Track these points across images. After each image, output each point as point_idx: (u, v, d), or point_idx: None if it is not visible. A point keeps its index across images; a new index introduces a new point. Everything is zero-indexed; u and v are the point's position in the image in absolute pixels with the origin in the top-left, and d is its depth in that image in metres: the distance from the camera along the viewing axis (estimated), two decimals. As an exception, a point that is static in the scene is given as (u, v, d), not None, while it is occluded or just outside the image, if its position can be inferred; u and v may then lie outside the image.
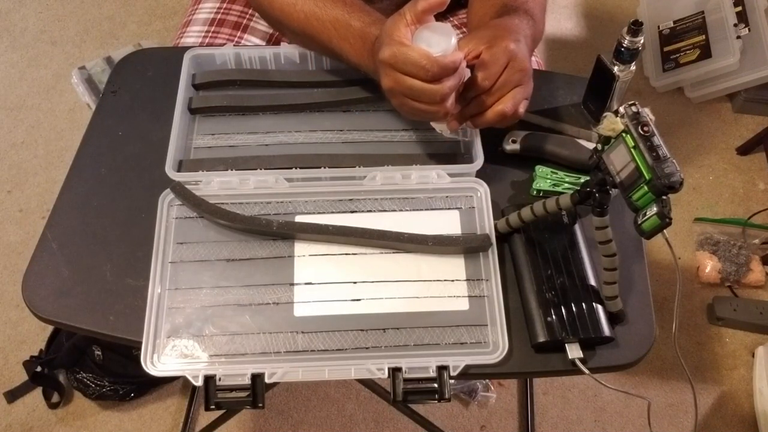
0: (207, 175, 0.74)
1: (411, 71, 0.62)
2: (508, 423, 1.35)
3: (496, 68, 0.67)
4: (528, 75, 0.68)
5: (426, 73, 0.61)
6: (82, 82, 1.38)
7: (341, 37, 0.73)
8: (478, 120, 0.70)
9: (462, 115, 0.71)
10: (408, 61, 0.61)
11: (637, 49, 0.74)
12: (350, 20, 0.72)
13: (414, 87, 0.63)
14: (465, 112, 0.71)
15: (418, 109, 0.65)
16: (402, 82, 0.63)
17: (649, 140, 0.55)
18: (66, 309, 0.70)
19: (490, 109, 0.69)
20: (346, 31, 0.72)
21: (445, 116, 0.68)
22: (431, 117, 0.68)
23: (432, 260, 0.71)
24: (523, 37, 0.70)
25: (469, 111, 0.70)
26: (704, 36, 1.77)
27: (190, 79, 0.82)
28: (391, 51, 0.62)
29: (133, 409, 1.33)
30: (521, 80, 0.68)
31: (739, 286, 1.53)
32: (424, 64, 0.61)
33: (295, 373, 0.64)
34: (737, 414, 1.37)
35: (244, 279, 0.70)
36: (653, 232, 0.56)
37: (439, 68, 0.61)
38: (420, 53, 0.61)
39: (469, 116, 0.71)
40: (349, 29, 0.72)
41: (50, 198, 1.01)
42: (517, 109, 0.69)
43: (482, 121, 0.70)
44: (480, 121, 0.70)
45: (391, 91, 0.65)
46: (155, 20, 1.96)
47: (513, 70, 0.67)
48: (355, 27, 0.72)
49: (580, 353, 0.66)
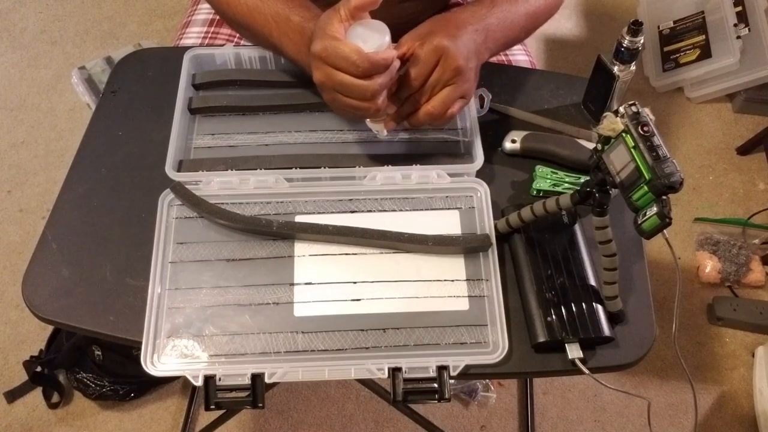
0: (207, 175, 0.74)
1: (341, 66, 0.61)
2: (508, 423, 1.35)
3: (426, 67, 0.66)
4: (462, 73, 0.66)
5: (356, 69, 0.61)
6: (82, 82, 1.38)
7: (281, 31, 0.73)
8: (412, 120, 0.70)
9: (398, 114, 0.70)
10: (339, 55, 0.61)
11: (637, 49, 0.74)
12: (290, 15, 0.72)
13: (344, 82, 0.62)
14: (401, 112, 0.70)
15: (349, 105, 0.65)
16: (332, 76, 0.62)
17: (649, 140, 0.55)
18: (66, 309, 0.70)
19: (421, 108, 0.68)
20: (285, 26, 0.72)
21: (376, 114, 0.67)
22: (362, 113, 0.66)
23: (432, 260, 0.71)
24: (474, 30, 0.69)
25: (404, 110, 0.70)
26: (704, 36, 1.77)
27: (190, 79, 0.82)
28: (323, 45, 0.62)
29: (133, 409, 1.33)
30: (453, 79, 0.66)
31: (739, 286, 1.53)
32: (354, 59, 0.60)
33: (295, 373, 0.64)
34: (737, 414, 1.37)
35: (244, 279, 0.70)
36: (653, 232, 0.56)
37: (369, 64, 0.61)
38: (351, 48, 0.61)
39: (405, 115, 0.70)
40: (289, 24, 0.72)
41: (50, 198, 1.01)
42: (448, 110, 0.68)
43: (416, 121, 0.69)
44: (414, 121, 0.70)
45: (322, 85, 0.65)
46: (155, 20, 1.96)
47: (443, 68, 0.66)
48: (294, 22, 0.71)
49: (580, 353, 0.66)
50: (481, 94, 0.81)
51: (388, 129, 0.72)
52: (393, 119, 0.71)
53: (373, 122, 0.73)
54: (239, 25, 0.79)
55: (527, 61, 0.98)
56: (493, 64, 0.93)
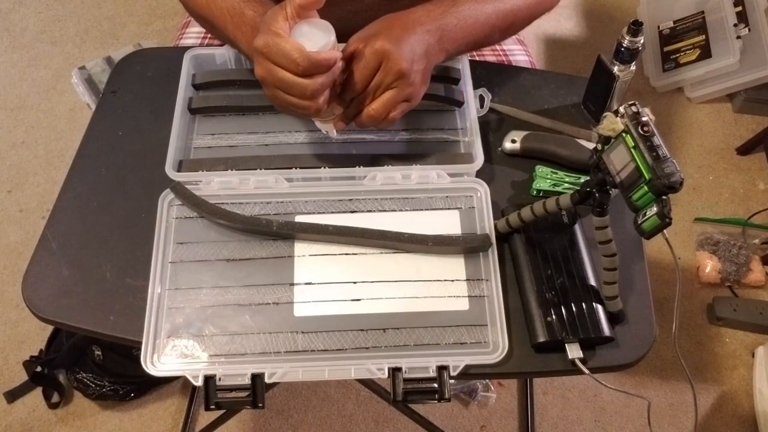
0: (207, 175, 0.74)
1: (282, 63, 0.61)
2: (508, 423, 1.35)
3: (367, 70, 0.65)
4: (404, 77, 0.65)
5: (296, 67, 0.61)
6: (82, 82, 1.38)
7: (235, 25, 0.73)
8: (357, 121, 0.69)
9: (346, 115, 0.70)
10: (280, 52, 0.60)
11: (637, 49, 0.74)
12: (244, 9, 0.72)
13: (284, 79, 0.62)
14: (347, 113, 0.70)
15: (290, 102, 0.64)
16: (273, 72, 0.62)
17: (649, 140, 0.55)
18: (66, 309, 0.70)
19: (363, 111, 0.68)
20: (240, 20, 0.72)
21: (317, 113, 0.66)
22: (303, 112, 0.66)
23: (432, 260, 0.71)
24: (425, 31, 0.68)
25: (349, 112, 0.70)
26: (704, 36, 1.77)
27: (190, 79, 0.82)
28: (265, 40, 0.61)
29: (133, 409, 1.33)
30: (395, 83, 0.66)
31: (739, 286, 1.53)
32: (295, 57, 0.60)
33: (295, 373, 0.64)
34: (737, 414, 1.37)
35: (244, 279, 0.70)
36: (653, 232, 0.56)
37: (309, 63, 0.60)
38: (292, 46, 0.60)
39: (351, 117, 0.70)
40: (243, 18, 0.72)
41: (50, 198, 1.01)
42: (389, 113, 0.67)
43: (360, 123, 0.69)
44: (358, 123, 0.69)
45: (263, 80, 0.64)
46: (155, 20, 1.96)
47: (385, 72, 0.65)
48: (248, 16, 0.72)
49: (580, 353, 0.66)
50: (481, 94, 0.81)
51: (337, 129, 0.72)
52: (342, 120, 0.71)
53: (322, 122, 0.73)
54: (199, 17, 0.79)
55: (527, 61, 0.98)
56: (493, 64, 0.93)
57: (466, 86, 0.80)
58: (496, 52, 0.97)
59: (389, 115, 0.68)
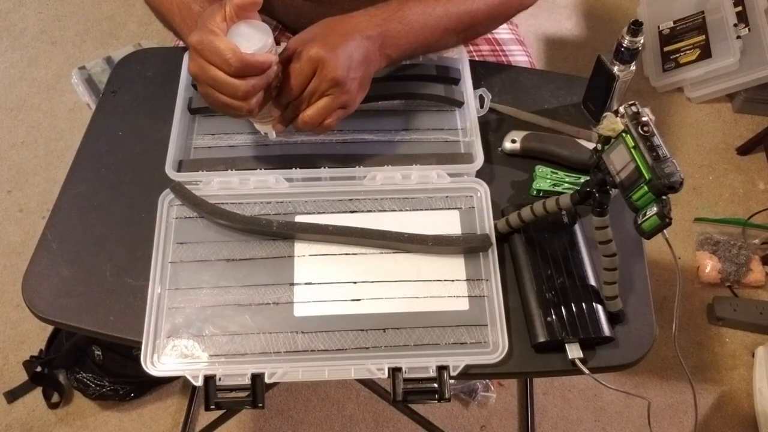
0: (207, 175, 0.74)
1: (215, 61, 0.61)
2: (508, 423, 1.35)
3: (301, 77, 0.65)
4: (339, 85, 0.65)
5: (228, 67, 0.60)
6: (82, 82, 1.38)
7: (182, 18, 0.73)
8: (294, 125, 0.69)
9: (283, 118, 0.70)
10: (213, 50, 0.60)
11: (637, 49, 0.74)
12: (191, 4, 0.73)
13: (216, 78, 0.62)
14: (284, 116, 0.70)
15: (221, 102, 0.64)
16: (206, 70, 0.62)
17: (649, 140, 0.55)
18: (66, 309, 0.70)
19: (299, 116, 0.67)
20: (187, 14, 0.73)
21: (249, 114, 0.66)
22: (235, 112, 0.65)
23: (432, 260, 0.71)
24: (364, 37, 0.67)
25: (287, 115, 0.69)
26: (704, 36, 1.77)
27: (190, 78, 0.82)
28: (200, 37, 0.61)
29: (133, 409, 1.33)
30: (330, 90, 0.65)
31: (739, 286, 1.53)
32: (227, 57, 0.60)
33: (295, 373, 0.64)
34: (737, 414, 1.37)
35: (244, 279, 0.70)
36: (653, 232, 0.56)
37: (242, 64, 0.60)
38: (226, 45, 0.60)
39: (289, 120, 0.70)
40: (189, 12, 0.73)
41: (50, 198, 1.01)
42: (324, 120, 0.67)
43: (296, 127, 0.69)
44: (295, 127, 0.69)
45: (196, 77, 0.64)
46: (155, 20, 1.92)
47: (320, 79, 0.65)
48: (194, 11, 0.72)
49: (580, 353, 0.66)
50: (481, 94, 0.81)
51: (277, 131, 0.72)
52: (280, 122, 0.71)
53: (260, 124, 0.73)
54: (152, 8, 0.80)
55: (527, 61, 0.98)
56: (493, 64, 0.93)
57: (466, 86, 0.81)
58: (496, 52, 0.97)
59: (324, 121, 0.67)
